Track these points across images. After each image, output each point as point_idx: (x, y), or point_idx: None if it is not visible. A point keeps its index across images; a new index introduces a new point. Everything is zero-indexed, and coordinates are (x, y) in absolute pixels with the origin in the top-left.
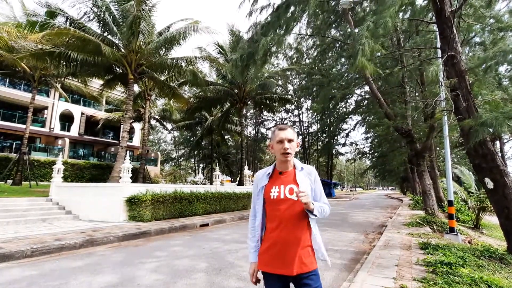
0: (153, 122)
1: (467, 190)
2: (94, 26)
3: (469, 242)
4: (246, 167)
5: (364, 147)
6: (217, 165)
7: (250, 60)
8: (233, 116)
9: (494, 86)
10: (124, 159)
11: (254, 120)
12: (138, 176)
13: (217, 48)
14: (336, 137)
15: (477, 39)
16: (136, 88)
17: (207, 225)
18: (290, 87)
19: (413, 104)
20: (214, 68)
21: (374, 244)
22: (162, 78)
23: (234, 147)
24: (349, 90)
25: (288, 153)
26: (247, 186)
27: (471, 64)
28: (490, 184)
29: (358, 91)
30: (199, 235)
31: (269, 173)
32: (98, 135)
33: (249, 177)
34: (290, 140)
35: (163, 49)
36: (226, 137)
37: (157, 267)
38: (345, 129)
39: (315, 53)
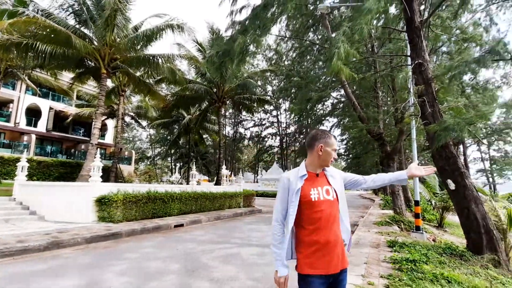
0: (127, 119)
1: (432, 191)
2: (69, 19)
3: (433, 240)
4: (224, 166)
5: (340, 148)
6: (194, 164)
7: (226, 57)
8: (211, 115)
9: (458, 93)
10: (95, 157)
11: (233, 120)
12: (110, 175)
13: (196, 45)
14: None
15: (444, 49)
16: (109, 83)
17: (182, 225)
18: (269, 88)
19: (385, 108)
20: (193, 66)
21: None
22: (138, 74)
23: (212, 146)
24: (325, 93)
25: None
26: (224, 186)
27: (437, 72)
28: (452, 186)
29: (334, 94)
30: (173, 236)
31: (304, 175)
32: (67, 132)
33: (226, 177)
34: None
35: (140, 45)
36: (204, 136)
37: (127, 269)
38: None
39: (294, 55)
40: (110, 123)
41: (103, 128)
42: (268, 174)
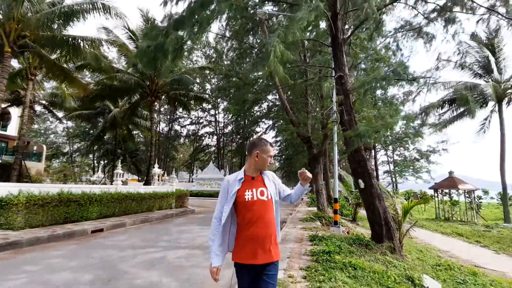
0: (38, 108)
1: (349, 189)
2: None
3: (347, 233)
4: (156, 165)
5: (274, 149)
6: (120, 162)
7: (159, 52)
8: (143, 109)
9: (371, 105)
10: None
11: (168, 117)
12: (11, 173)
13: (127, 32)
14: (249, 139)
15: (362, 66)
16: (15, 64)
17: (101, 230)
18: (208, 86)
19: (314, 114)
20: (124, 55)
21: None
22: (54, 56)
23: (143, 143)
24: (261, 96)
25: (269, 165)
26: (155, 186)
27: (355, 85)
28: (362, 185)
29: (270, 97)
30: (90, 242)
31: (241, 178)
32: None
33: (158, 176)
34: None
35: (57, 23)
36: (134, 132)
37: (25, 284)
38: (258, 132)
39: (234, 56)
40: (15, 111)
41: (5, 116)
42: (203, 174)
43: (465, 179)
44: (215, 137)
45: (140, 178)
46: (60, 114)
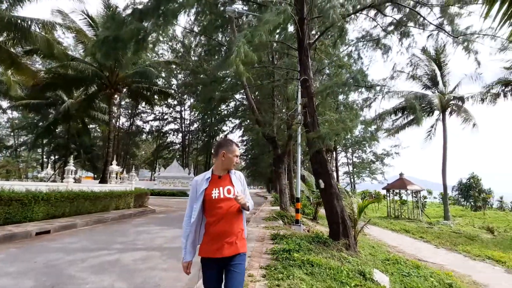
0: None
1: (311, 189)
2: None
3: (308, 231)
4: (114, 162)
5: (240, 149)
6: (74, 158)
7: (118, 43)
8: (101, 102)
9: (334, 109)
10: None
11: (130, 111)
12: None
13: (85, 18)
14: (215, 138)
15: (326, 71)
16: None
17: (48, 232)
18: (174, 81)
19: (280, 115)
20: (81, 42)
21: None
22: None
23: (101, 138)
24: (228, 94)
25: (236, 165)
26: (112, 184)
27: (319, 89)
28: (322, 185)
29: (238, 96)
30: (33, 245)
31: (209, 177)
32: None
33: (117, 174)
34: (238, 156)
35: (6, 3)
36: (91, 126)
37: None
38: (224, 131)
39: (202, 52)
40: None
41: None
42: (167, 172)
43: (413, 180)
44: (180, 134)
45: (96, 176)
46: (4, 104)
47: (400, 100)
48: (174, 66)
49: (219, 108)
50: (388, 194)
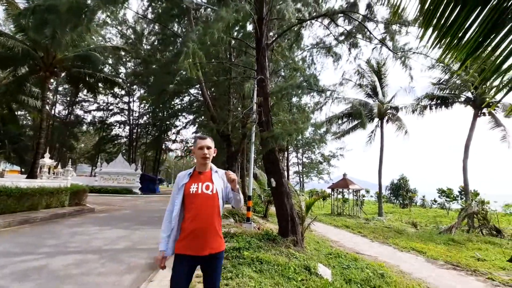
0: None
1: (262, 187)
2: None
3: (258, 229)
4: (47, 155)
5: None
6: None
7: (52, 15)
8: (33, 86)
9: (287, 110)
10: None
11: (68, 98)
12: None
13: None
14: (167, 132)
15: (282, 73)
16: None
17: None
18: (122, 69)
19: (235, 113)
20: (12, 15)
21: None
22: None
23: (31, 127)
24: (182, 88)
25: (207, 157)
26: (43, 180)
27: (274, 90)
28: (274, 183)
29: (193, 91)
30: None
31: (190, 173)
32: None
33: (50, 169)
34: (208, 147)
35: None
36: (19, 113)
37: None
38: (177, 126)
39: (155, 42)
40: None
41: None
42: (110, 167)
43: (354, 180)
44: (127, 127)
45: (23, 170)
46: None
47: (347, 106)
48: (123, 53)
49: (172, 102)
50: (332, 193)
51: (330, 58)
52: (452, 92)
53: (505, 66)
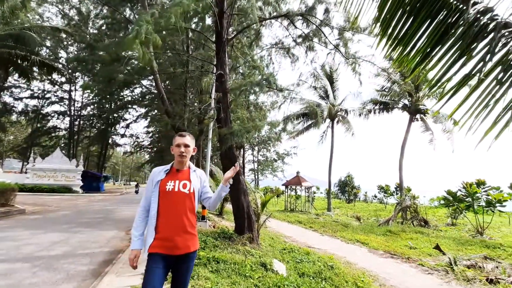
0: None
1: (218, 185)
2: None
3: (214, 227)
4: None
5: (144, 140)
6: None
7: None
8: None
9: (245, 107)
10: None
11: None
12: None
13: None
14: (115, 126)
15: (240, 70)
16: None
17: None
18: (63, 54)
19: (192, 108)
20: None
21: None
22: None
23: None
24: (133, 78)
25: (184, 156)
26: None
27: (233, 86)
28: (231, 181)
29: (146, 83)
30: None
31: (167, 170)
32: None
33: None
34: (186, 145)
35: None
36: None
37: None
38: (127, 119)
39: (104, 26)
40: None
41: None
42: (46, 163)
43: (306, 178)
44: (67, 118)
45: None
46: None
47: (302, 106)
48: (64, 36)
49: (122, 93)
50: (286, 190)
51: (288, 59)
52: (392, 98)
53: (446, 76)
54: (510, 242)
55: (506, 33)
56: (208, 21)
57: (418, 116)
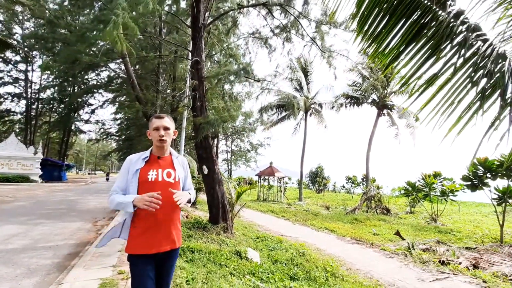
0: None
1: (192, 174)
2: None
3: (187, 217)
4: None
5: (111, 127)
6: None
7: None
8: None
9: (220, 97)
10: None
11: None
12: None
13: None
14: (78, 111)
15: (216, 58)
16: None
17: None
18: (18, 29)
19: (164, 95)
20: None
21: (102, 232)
22: None
23: None
24: (100, 60)
25: (163, 140)
26: None
27: (209, 74)
28: (206, 170)
29: (113, 66)
30: None
31: (146, 157)
32: None
33: None
34: (166, 128)
35: None
36: None
37: None
38: (92, 104)
39: (66, 1)
40: None
41: None
42: None
43: (279, 168)
44: (23, 101)
45: None
46: None
47: (276, 97)
48: (20, 9)
49: (87, 76)
50: (259, 180)
51: (265, 49)
52: (362, 93)
53: (417, 74)
54: (459, 228)
55: (474, 36)
56: (183, 4)
57: (385, 111)
